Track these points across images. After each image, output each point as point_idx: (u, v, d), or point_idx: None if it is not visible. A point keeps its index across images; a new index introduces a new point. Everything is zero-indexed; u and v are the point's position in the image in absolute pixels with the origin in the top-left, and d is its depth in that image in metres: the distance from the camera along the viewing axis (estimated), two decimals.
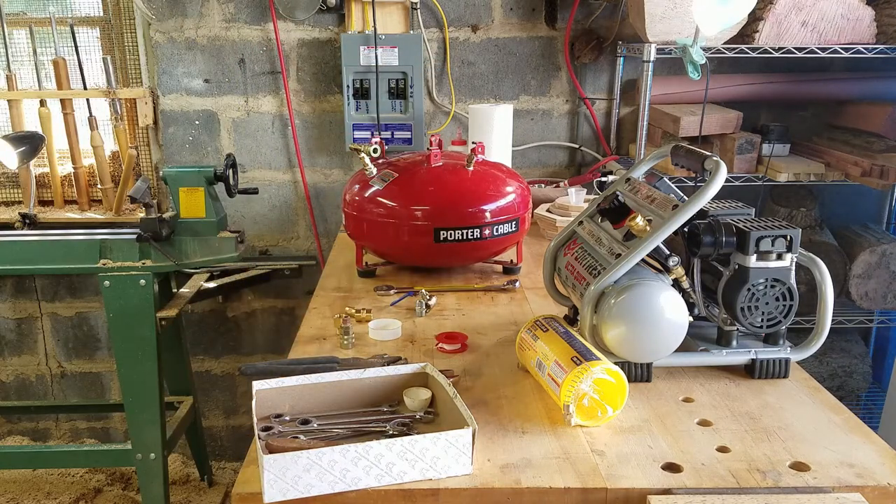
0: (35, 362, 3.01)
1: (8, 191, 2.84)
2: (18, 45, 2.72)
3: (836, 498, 0.96)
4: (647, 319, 1.19)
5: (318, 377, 1.15)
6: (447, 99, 2.68)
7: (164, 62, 2.63)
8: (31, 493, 2.83)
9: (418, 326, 1.54)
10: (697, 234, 1.25)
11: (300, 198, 2.77)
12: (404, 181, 1.76)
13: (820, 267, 1.27)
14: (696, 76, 2.10)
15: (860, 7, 2.20)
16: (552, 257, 1.49)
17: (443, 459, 0.98)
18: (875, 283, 2.44)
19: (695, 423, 1.16)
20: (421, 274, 1.87)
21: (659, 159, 1.44)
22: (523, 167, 2.73)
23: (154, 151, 2.75)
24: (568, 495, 0.98)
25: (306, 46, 2.62)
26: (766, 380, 1.30)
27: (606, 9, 2.57)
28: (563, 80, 2.67)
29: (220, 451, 3.11)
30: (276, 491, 0.94)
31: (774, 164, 2.33)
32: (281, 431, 1.07)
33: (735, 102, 2.48)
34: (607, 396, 1.12)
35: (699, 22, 1.98)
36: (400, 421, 1.11)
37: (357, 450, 0.95)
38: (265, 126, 2.70)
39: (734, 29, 2.21)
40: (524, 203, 1.83)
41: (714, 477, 1.01)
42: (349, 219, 1.83)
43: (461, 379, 1.30)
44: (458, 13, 2.60)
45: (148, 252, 2.11)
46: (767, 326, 1.26)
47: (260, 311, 2.91)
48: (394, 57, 2.51)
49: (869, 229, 2.58)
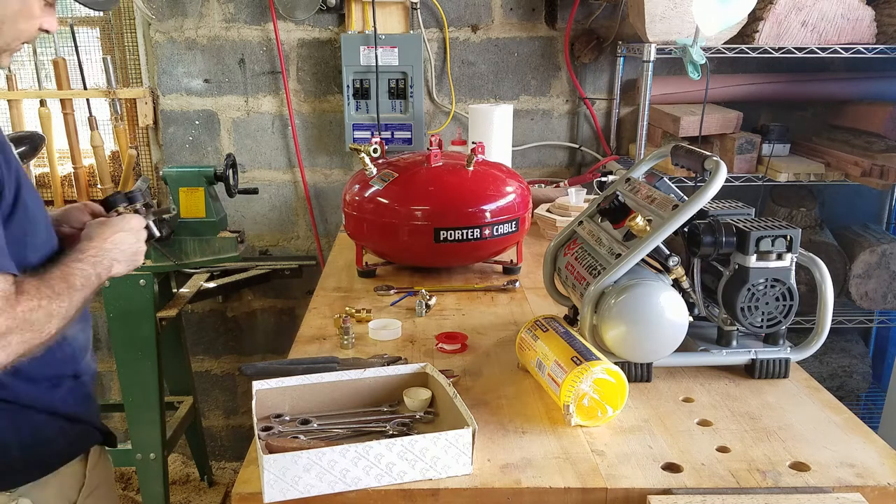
0: None
1: None
2: None
3: (836, 498, 0.96)
4: (647, 319, 1.19)
5: (318, 377, 1.15)
6: (447, 99, 2.68)
7: (164, 62, 2.63)
8: None
9: (418, 326, 1.54)
10: (697, 234, 1.25)
11: (300, 198, 2.77)
12: (404, 181, 1.75)
13: (820, 267, 1.27)
14: (696, 76, 2.10)
15: (860, 7, 2.20)
16: (552, 257, 1.49)
17: (443, 459, 0.98)
18: (875, 283, 2.44)
19: (695, 423, 1.16)
20: (421, 274, 1.86)
21: (659, 159, 1.44)
22: (523, 167, 2.73)
23: (154, 151, 2.75)
24: (568, 495, 0.98)
25: (306, 46, 2.62)
26: (766, 380, 1.30)
27: (606, 9, 2.57)
28: (563, 80, 2.67)
29: (220, 451, 3.11)
30: (276, 491, 0.94)
31: (774, 164, 2.33)
32: (281, 431, 1.07)
33: (735, 102, 2.48)
34: (607, 396, 1.12)
35: (699, 22, 1.98)
36: (400, 421, 1.11)
37: (357, 450, 0.95)
38: (265, 126, 2.70)
39: (734, 29, 2.21)
40: (524, 203, 1.83)
41: (714, 477, 1.01)
42: (349, 219, 1.83)
43: (461, 379, 1.30)
44: (458, 13, 2.60)
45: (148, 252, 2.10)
46: (767, 326, 1.26)
47: (260, 311, 2.91)
48: (394, 57, 2.51)
49: (869, 229, 2.58)
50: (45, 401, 1.24)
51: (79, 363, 1.32)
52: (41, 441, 1.24)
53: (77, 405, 1.30)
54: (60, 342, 1.21)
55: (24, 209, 1.16)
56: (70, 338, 1.27)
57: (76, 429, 1.30)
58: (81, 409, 1.31)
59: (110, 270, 1.26)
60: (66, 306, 1.14)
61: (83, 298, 1.19)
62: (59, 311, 1.13)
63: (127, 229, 1.32)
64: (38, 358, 1.16)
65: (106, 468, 1.39)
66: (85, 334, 1.35)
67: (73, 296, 1.16)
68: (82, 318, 1.29)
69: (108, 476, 1.39)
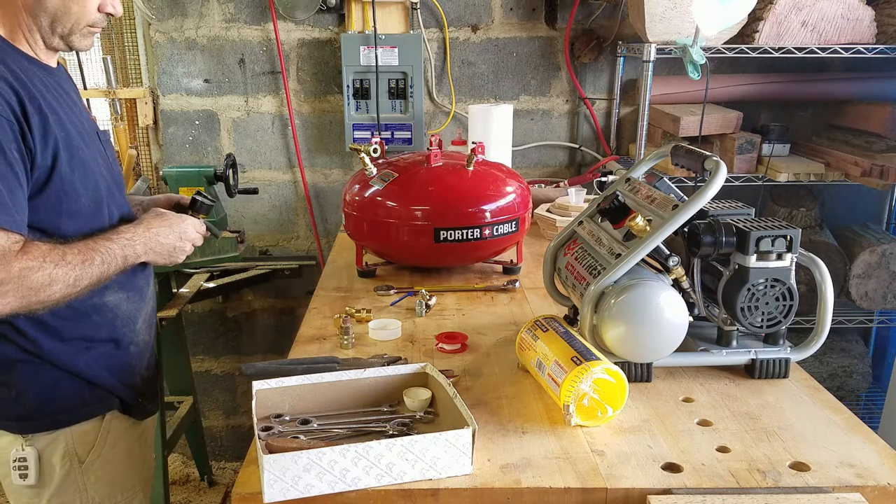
0: None
1: None
2: None
3: (836, 498, 0.96)
4: (647, 319, 1.19)
5: (318, 377, 1.15)
6: (447, 99, 2.68)
7: (164, 62, 2.63)
8: None
9: (418, 326, 1.54)
10: (697, 234, 1.25)
11: (300, 198, 2.77)
12: (404, 181, 1.75)
13: (820, 267, 1.27)
14: (696, 76, 2.10)
15: (860, 7, 2.20)
16: (552, 257, 1.49)
17: (443, 459, 0.98)
18: (875, 283, 2.44)
19: (695, 423, 1.16)
20: (421, 274, 1.87)
21: (659, 159, 1.44)
22: (523, 167, 2.73)
23: (154, 151, 2.75)
24: (568, 495, 0.98)
25: (306, 46, 2.62)
26: (766, 380, 1.30)
27: (606, 9, 2.57)
28: (563, 80, 2.67)
29: (220, 451, 3.11)
30: (276, 491, 0.94)
31: (774, 164, 2.33)
32: (281, 431, 1.07)
33: (735, 102, 2.48)
34: (607, 396, 1.12)
35: (699, 22, 1.98)
36: (400, 421, 1.11)
37: (357, 450, 0.95)
38: (265, 126, 2.70)
39: (734, 29, 2.21)
40: (524, 203, 1.83)
41: (714, 477, 1.01)
42: (349, 219, 1.83)
43: (461, 379, 1.30)
44: (458, 13, 2.60)
45: None
46: (767, 326, 1.26)
47: (260, 311, 2.91)
48: (394, 57, 2.51)
49: (869, 229, 2.58)
50: (70, 361, 1.33)
51: (118, 330, 1.39)
52: (57, 398, 1.33)
53: (104, 370, 1.37)
54: (100, 307, 1.34)
55: (59, 179, 1.25)
56: (111, 305, 1.37)
57: (94, 393, 1.37)
58: (107, 376, 1.38)
59: (140, 257, 1.34)
60: (75, 275, 1.21)
61: (100, 273, 1.26)
62: (63, 278, 1.19)
63: (173, 225, 1.40)
64: (73, 319, 1.30)
65: (123, 435, 1.44)
66: (132, 305, 1.42)
67: (86, 268, 1.23)
68: (129, 288, 1.40)
69: (124, 443, 1.44)
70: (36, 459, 1.33)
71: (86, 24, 1.31)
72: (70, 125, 1.30)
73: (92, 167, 1.33)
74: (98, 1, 1.30)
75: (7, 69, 1.22)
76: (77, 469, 1.37)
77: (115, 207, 1.39)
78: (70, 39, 1.31)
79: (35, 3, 1.25)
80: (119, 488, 1.44)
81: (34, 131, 1.21)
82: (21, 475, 1.33)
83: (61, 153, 1.25)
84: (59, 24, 1.28)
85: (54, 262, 1.19)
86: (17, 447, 1.33)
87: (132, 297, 1.42)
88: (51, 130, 1.24)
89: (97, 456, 1.39)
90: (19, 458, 1.33)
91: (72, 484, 1.37)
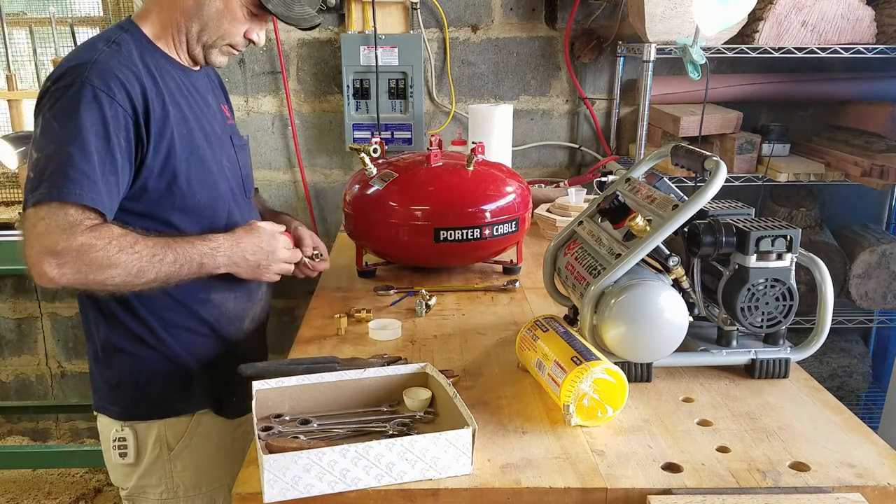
0: (35, 362, 3.01)
1: (8, 191, 2.83)
2: (18, 45, 2.72)
3: (836, 498, 0.96)
4: (647, 319, 1.19)
5: (318, 377, 1.15)
6: (447, 99, 2.68)
7: None
8: (31, 493, 2.83)
9: (418, 326, 1.54)
10: (697, 234, 1.25)
11: (300, 198, 2.77)
12: (404, 181, 1.75)
13: (820, 267, 1.27)
14: (696, 76, 2.10)
15: (860, 7, 2.20)
16: (552, 257, 1.49)
17: (443, 459, 0.98)
18: (875, 283, 2.44)
19: (695, 423, 1.16)
20: (421, 274, 1.86)
21: (659, 159, 1.44)
22: (523, 167, 2.73)
23: None
24: (568, 495, 0.98)
25: (306, 46, 2.62)
26: (766, 380, 1.30)
27: (606, 9, 2.57)
28: (563, 80, 2.67)
29: None
30: (276, 491, 0.93)
31: (774, 164, 2.33)
32: (281, 431, 1.07)
33: (735, 102, 2.48)
34: (607, 396, 1.12)
35: (699, 22, 1.98)
36: (400, 421, 1.11)
37: (357, 450, 0.95)
38: (265, 126, 2.70)
39: (734, 29, 2.21)
40: (524, 203, 1.83)
41: (714, 477, 1.01)
42: (349, 219, 1.83)
43: (461, 379, 1.30)
44: (458, 13, 2.60)
45: None
46: (767, 326, 1.26)
47: None
48: (394, 57, 2.51)
49: (869, 229, 2.59)
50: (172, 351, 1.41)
51: (223, 327, 1.47)
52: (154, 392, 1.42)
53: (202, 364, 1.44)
54: (205, 302, 1.41)
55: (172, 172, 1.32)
56: (217, 302, 1.44)
57: (189, 390, 1.44)
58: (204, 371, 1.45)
59: (219, 268, 1.37)
60: (139, 266, 1.25)
61: (169, 273, 1.29)
62: (125, 265, 1.23)
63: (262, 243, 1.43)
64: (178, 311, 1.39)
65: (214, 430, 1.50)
66: (239, 304, 1.49)
67: (154, 263, 1.26)
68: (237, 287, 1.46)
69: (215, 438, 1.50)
70: (134, 440, 1.43)
71: (228, 42, 1.38)
72: (195, 124, 1.36)
73: (212, 167, 1.38)
74: (247, 27, 1.38)
75: (141, 62, 1.30)
76: (166, 455, 1.44)
77: (238, 211, 1.44)
78: (210, 52, 1.39)
79: (194, 9, 1.33)
80: (205, 479, 1.49)
81: (151, 123, 1.28)
82: (121, 454, 1.44)
83: (177, 148, 1.32)
84: (206, 33, 1.35)
85: (120, 248, 1.22)
86: (116, 427, 1.43)
87: (239, 296, 1.47)
88: (169, 124, 1.31)
89: (185, 446, 1.45)
90: (119, 437, 1.43)
91: (159, 469, 1.45)
